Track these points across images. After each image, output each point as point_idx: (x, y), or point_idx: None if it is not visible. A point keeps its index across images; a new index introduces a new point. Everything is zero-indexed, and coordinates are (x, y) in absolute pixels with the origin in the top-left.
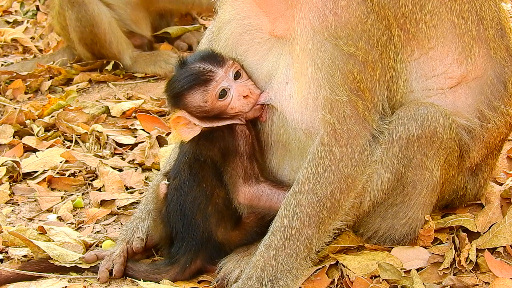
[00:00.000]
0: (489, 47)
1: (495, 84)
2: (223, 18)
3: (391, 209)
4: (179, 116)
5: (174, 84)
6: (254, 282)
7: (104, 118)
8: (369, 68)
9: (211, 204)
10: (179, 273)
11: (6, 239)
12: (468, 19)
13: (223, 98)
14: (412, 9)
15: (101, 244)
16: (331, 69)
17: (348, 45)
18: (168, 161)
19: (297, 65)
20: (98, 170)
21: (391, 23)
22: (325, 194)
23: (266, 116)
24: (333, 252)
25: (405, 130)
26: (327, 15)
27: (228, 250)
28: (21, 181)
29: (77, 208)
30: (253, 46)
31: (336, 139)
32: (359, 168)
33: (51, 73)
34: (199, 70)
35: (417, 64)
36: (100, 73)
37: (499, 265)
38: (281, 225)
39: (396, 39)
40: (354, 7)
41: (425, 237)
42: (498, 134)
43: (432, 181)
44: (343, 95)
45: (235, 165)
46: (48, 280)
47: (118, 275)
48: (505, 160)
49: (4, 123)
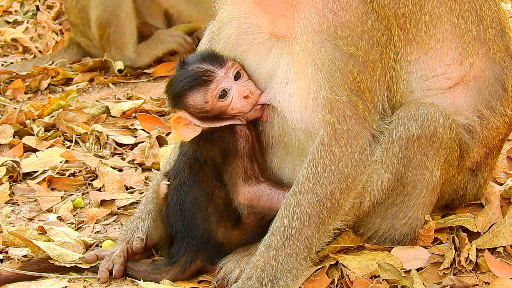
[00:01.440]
0: (489, 48)
1: (494, 85)
2: (223, 18)
3: (391, 209)
4: (180, 117)
5: (175, 84)
6: (254, 282)
7: (104, 118)
8: (369, 68)
9: (211, 204)
10: (179, 273)
11: (6, 239)
12: (468, 19)
13: (223, 99)
14: (412, 9)
15: (101, 244)
16: (331, 69)
17: (347, 45)
18: (168, 161)
19: (297, 65)
20: (98, 170)
21: (391, 23)
22: (325, 194)
23: (267, 116)
24: (333, 252)
25: (405, 130)
26: (327, 15)
27: (228, 250)
28: (21, 181)
29: (77, 208)
30: (253, 46)
31: (336, 139)
32: (359, 168)
33: (49, 75)
34: (199, 70)
35: (417, 64)
36: (105, 74)
37: (499, 265)
38: (281, 225)
39: (396, 39)
40: (354, 7)
41: (425, 237)
42: (497, 134)
43: (432, 181)
44: (343, 95)
45: (235, 165)
46: (48, 280)
47: (118, 275)
48: (505, 160)
49: (4, 123)
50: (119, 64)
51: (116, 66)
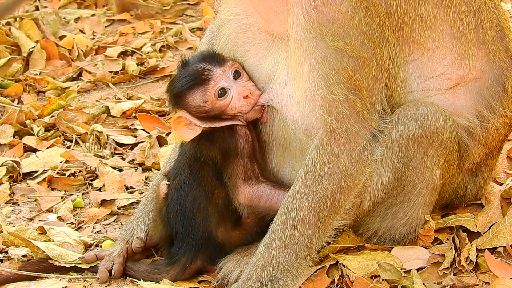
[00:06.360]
0: (488, 49)
1: (494, 86)
2: (223, 18)
3: (391, 208)
4: (180, 117)
5: (175, 84)
6: (254, 282)
7: (104, 118)
8: (364, 66)
9: (211, 204)
10: (179, 273)
11: (6, 239)
12: (465, 21)
13: (222, 98)
14: (405, 8)
15: (101, 244)
16: (325, 67)
17: (334, 41)
18: (168, 161)
19: (293, 64)
20: (98, 170)
21: (383, 21)
22: (324, 193)
23: (267, 117)
24: (333, 252)
25: (405, 130)
26: (310, 12)
27: (228, 250)
28: (21, 181)
29: (77, 208)
30: (253, 46)
31: (335, 139)
32: (359, 167)
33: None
34: (198, 69)
35: (415, 64)
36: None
37: (499, 265)
38: (280, 225)
39: (390, 37)
40: (337, 3)
41: (425, 237)
42: (497, 135)
43: (432, 181)
44: (340, 94)
45: (236, 165)
46: (48, 280)
47: (118, 275)
48: (505, 160)
49: (4, 123)
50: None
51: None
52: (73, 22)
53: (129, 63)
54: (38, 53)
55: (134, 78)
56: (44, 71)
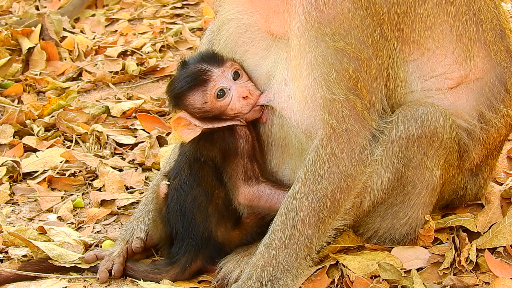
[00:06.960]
0: (489, 49)
1: (496, 85)
2: (223, 18)
3: (391, 209)
4: (180, 117)
5: (174, 85)
6: (254, 282)
7: (104, 118)
8: (364, 66)
9: (211, 204)
10: (179, 273)
11: (6, 239)
12: (465, 21)
13: (222, 98)
14: (405, 9)
15: (101, 244)
16: (325, 67)
17: (335, 40)
18: (168, 161)
19: (294, 65)
20: (98, 170)
21: (383, 21)
22: (324, 193)
23: (266, 117)
24: (333, 252)
25: (405, 130)
26: (310, 11)
27: (228, 250)
28: (21, 181)
29: (77, 208)
30: (252, 46)
31: (335, 139)
32: (359, 167)
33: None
34: (197, 70)
35: (415, 64)
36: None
37: (499, 265)
38: (280, 225)
39: (390, 37)
40: (338, 3)
41: (425, 237)
42: (498, 135)
43: (432, 181)
44: (341, 94)
45: (235, 165)
46: (48, 280)
47: (117, 275)
48: (505, 160)
49: (4, 123)
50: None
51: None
52: (73, 22)
53: (129, 63)
54: (38, 53)
55: (134, 78)
56: (44, 72)
